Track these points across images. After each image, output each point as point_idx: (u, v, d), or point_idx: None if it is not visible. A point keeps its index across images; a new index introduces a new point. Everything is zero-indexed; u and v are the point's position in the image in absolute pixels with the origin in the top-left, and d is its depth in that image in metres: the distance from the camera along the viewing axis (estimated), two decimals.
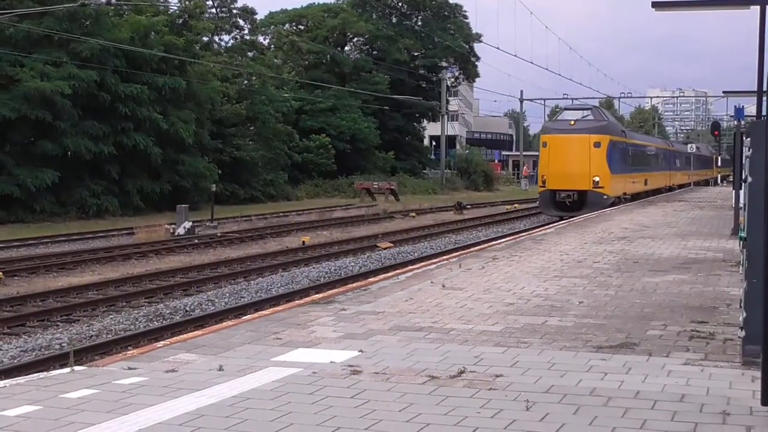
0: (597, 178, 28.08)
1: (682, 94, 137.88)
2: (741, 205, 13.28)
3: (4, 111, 31.23)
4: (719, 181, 63.98)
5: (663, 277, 10.78)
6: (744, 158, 6.85)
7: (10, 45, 32.36)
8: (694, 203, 30.84)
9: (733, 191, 18.18)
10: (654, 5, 14.46)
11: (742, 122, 19.13)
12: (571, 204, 28.16)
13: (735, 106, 20.26)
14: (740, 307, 6.61)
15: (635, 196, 33.50)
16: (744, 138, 15.75)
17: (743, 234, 6.71)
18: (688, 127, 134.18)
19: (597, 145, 28.27)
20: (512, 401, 5.17)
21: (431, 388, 5.50)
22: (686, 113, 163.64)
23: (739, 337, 6.50)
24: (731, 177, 35.47)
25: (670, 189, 44.30)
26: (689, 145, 60.95)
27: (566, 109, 32.73)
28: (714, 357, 6.33)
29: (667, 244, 15.23)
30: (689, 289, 9.76)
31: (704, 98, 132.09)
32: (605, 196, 28.31)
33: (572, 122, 29.02)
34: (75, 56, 33.32)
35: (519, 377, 5.75)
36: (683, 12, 18.64)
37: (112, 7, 36.32)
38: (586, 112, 30.11)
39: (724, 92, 39.88)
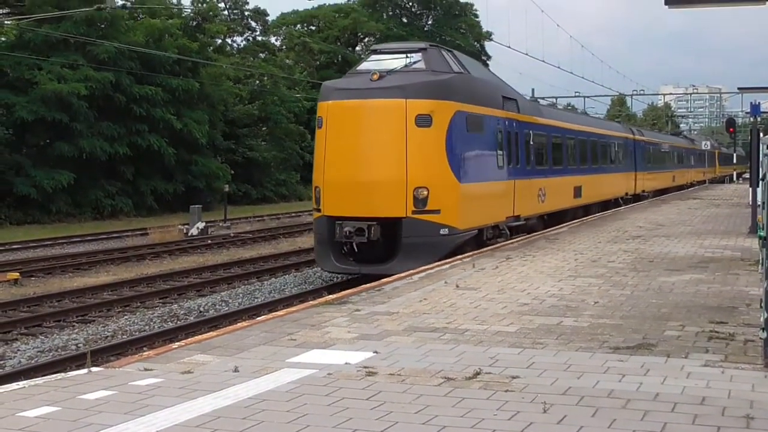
0: (424, 191, 13.46)
1: (695, 90, 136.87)
2: (759, 202, 13.14)
3: (23, 113, 31.56)
4: (735, 179, 61.20)
5: (679, 276, 10.69)
6: (762, 156, 6.78)
7: (29, 49, 32.71)
8: (709, 201, 30.61)
9: (750, 189, 18.02)
10: (667, 2, 14.33)
11: (759, 119, 18.98)
12: (367, 247, 13.60)
13: (751, 103, 20.05)
14: (761, 307, 6.54)
15: (549, 219, 19.71)
16: (762, 135, 15.58)
17: (762, 233, 6.64)
18: (701, 123, 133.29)
19: (422, 121, 13.60)
20: (529, 403, 5.13)
21: (447, 389, 5.47)
22: (700, 110, 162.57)
23: (760, 338, 6.41)
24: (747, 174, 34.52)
25: (637, 198, 30.96)
26: (704, 142, 58.41)
27: (374, 51, 16.19)
28: (734, 358, 6.25)
29: (683, 242, 15.11)
30: (707, 288, 9.67)
31: (718, 94, 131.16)
32: (446, 230, 13.75)
33: (375, 75, 14.00)
34: (91, 59, 33.63)
35: (535, 378, 5.71)
36: (696, 9, 18.46)
37: (128, 11, 36.62)
38: (413, 57, 14.70)
39: (739, 89, 39.48)
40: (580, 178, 22.75)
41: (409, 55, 14.93)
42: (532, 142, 18.36)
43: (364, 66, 15.20)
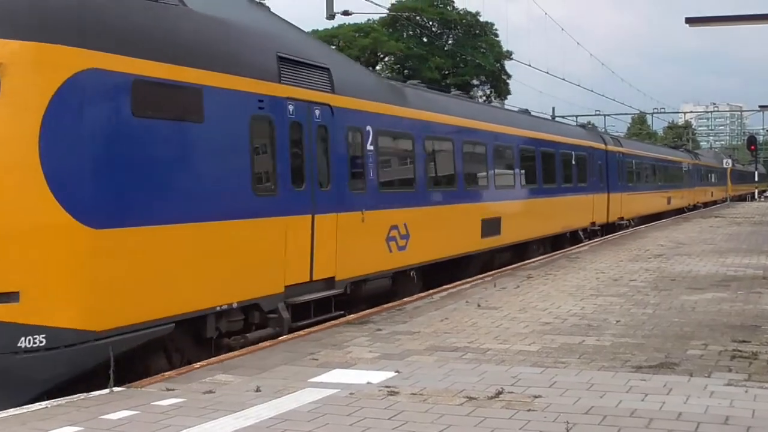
0: None
1: (716, 108, 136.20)
2: None
3: None
4: (756, 197, 59.73)
5: (701, 294, 10.60)
6: None
7: None
8: (730, 219, 30.34)
9: None
10: (688, 21, 14.35)
11: None
12: None
13: None
14: None
15: (428, 276, 12.68)
16: None
17: None
18: (722, 141, 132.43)
19: None
20: (552, 423, 5.11)
21: (469, 409, 5.46)
22: (721, 128, 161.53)
23: None
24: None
25: (610, 228, 23.49)
26: (724, 160, 55.71)
27: None
28: (758, 378, 6.18)
29: (705, 261, 14.99)
30: (729, 307, 9.58)
31: (739, 112, 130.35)
32: (41, 337, 6.21)
33: None
34: None
35: (558, 398, 5.68)
36: (716, 27, 18.32)
37: None
38: None
39: (760, 107, 39.41)
40: (496, 205, 14.98)
41: None
42: (371, 147, 10.89)
43: None
